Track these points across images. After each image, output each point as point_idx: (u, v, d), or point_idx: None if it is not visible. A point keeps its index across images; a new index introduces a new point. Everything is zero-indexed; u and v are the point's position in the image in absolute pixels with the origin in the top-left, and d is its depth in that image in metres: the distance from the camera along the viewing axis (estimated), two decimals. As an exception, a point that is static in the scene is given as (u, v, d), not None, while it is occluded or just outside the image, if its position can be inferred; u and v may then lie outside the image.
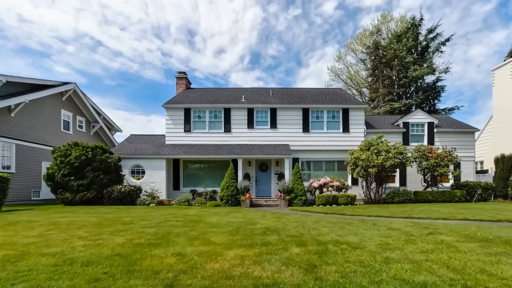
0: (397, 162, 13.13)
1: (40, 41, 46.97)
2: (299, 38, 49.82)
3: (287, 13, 48.01)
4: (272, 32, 50.08)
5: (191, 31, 51.61)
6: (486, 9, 40.50)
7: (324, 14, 46.99)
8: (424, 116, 16.13)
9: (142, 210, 10.06)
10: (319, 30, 48.75)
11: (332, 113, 15.90)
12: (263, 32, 49.84)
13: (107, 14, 47.17)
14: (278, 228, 5.93)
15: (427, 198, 14.07)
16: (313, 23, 48.62)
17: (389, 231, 5.52)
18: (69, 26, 45.11)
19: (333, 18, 47.07)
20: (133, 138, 17.09)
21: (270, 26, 48.98)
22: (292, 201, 13.35)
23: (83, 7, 43.94)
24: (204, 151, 14.98)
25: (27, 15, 42.05)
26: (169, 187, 15.74)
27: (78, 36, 47.88)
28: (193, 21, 49.48)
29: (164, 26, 50.50)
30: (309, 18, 48.40)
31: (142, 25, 50.13)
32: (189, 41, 53.55)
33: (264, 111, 16.00)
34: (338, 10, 46.39)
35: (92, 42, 49.79)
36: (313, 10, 47.06)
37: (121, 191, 12.44)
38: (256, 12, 46.92)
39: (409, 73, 30.22)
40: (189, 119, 15.98)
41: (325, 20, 47.52)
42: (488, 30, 42.20)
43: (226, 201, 13.18)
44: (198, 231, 5.59)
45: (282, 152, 14.70)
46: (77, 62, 53.22)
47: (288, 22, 48.68)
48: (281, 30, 49.51)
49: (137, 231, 5.51)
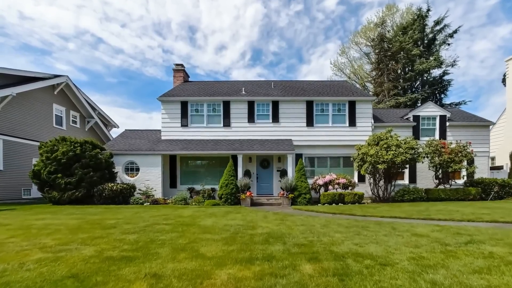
0: (409, 157, 12.19)
1: (41, 39, 46.98)
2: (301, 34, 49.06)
3: (288, 9, 47.44)
4: (274, 28, 49.46)
5: (192, 27, 51.10)
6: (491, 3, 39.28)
7: (326, 10, 46.18)
8: (436, 109, 15.13)
9: (132, 211, 9.20)
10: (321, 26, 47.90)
11: (338, 106, 14.93)
12: (264, 29, 49.26)
13: (108, 11, 47.07)
14: (282, 234, 5.04)
15: (440, 196, 13.17)
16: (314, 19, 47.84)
17: (416, 238, 4.62)
18: (70, 23, 45.21)
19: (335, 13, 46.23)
20: (127, 134, 16.21)
21: (271, 22, 48.35)
22: (296, 200, 12.47)
23: (83, 4, 43.78)
24: (202, 146, 14.08)
25: (28, 13, 41.93)
26: (165, 185, 14.88)
27: (79, 33, 47.87)
28: (194, 17, 49.03)
29: (165, 23, 50.12)
30: (310, 14, 47.67)
31: (143, 22, 49.86)
32: (190, 38, 53.05)
33: (266, 104, 15.05)
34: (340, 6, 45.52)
35: (93, 39, 49.68)
36: (314, 6, 46.33)
37: (112, 190, 11.59)
38: (257, 8, 46.35)
39: (416, 66, 29.14)
40: (186, 113, 15.06)
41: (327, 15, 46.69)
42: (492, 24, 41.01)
43: (225, 199, 12.31)
44: (187, 238, 4.71)
45: (284, 147, 13.79)
46: (78, 59, 53.11)
47: (290, 18, 48.04)
48: (283, 26, 48.93)
49: (115, 238, 4.63)
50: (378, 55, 30.83)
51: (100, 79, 57.49)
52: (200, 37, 52.37)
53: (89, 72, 55.23)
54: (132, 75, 59.33)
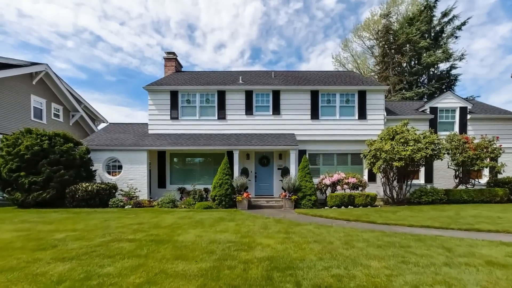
0: (429, 154, 10.61)
1: (40, 37, 46.51)
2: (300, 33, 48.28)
3: (287, 7, 46.82)
4: (273, 27, 48.79)
5: (191, 26, 50.36)
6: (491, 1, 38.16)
7: (326, 8, 45.51)
8: (456, 100, 13.52)
9: (103, 217, 7.56)
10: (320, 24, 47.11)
11: (346, 97, 13.30)
12: (263, 27, 48.61)
13: (107, 9, 46.47)
14: (292, 261, 3.44)
15: (462, 198, 11.62)
16: (314, 17, 47.14)
17: (494, 269, 3.04)
18: (68, 21, 44.51)
19: (334, 11, 45.51)
20: (111, 127, 14.53)
21: (270, 21, 47.65)
22: (300, 202, 10.87)
23: (82, 2, 43.16)
24: (193, 141, 12.44)
25: (26, 10, 41.32)
26: (153, 185, 13.27)
27: (78, 31, 47.27)
28: (193, 15, 48.34)
29: (164, 21, 49.54)
30: (310, 12, 47.03)
31: (142, 20, 49.18)
32: (189, 36, 52.28)
33: (265, 94, 13.41)
34: (339, 4, 44.79)
35: (91, 37, 49.09)
36: (314, 4, 45.74)
37: (87, 190, 9.93)
38: (256, 6, 45.70)
39: (423, 59, 27.57)
40: (176, 104, 13.40)
41: (326, 14, 45.96)
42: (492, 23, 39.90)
43: (218, 201, 10.70)
44: (147, 271, 3.10)
45: (286, 142, 12.17)
46: (77, 57, 52.56)
47: (289, 16, 47.41)
48: (282, 24, 48.31)
49: (33, 272, 3.01)
50: (383, 48, 29.24)
51: (99, 77, 56.98)
52: (199, 36, 51.81)
53: (88, 70, 54.74)
54: (131, 73, 58.86)
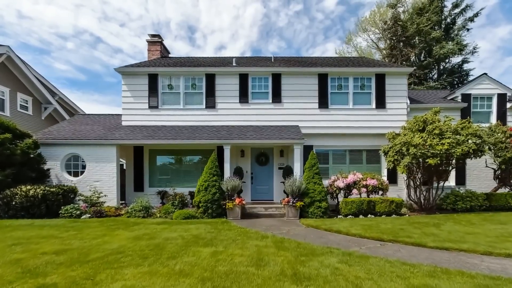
0: (473, 148, 8.32)
1: (40, 38, 46.44)
2: (300, 34, 48.16)
3: (288, 9, 46.44)
4: (273, 28, 48.41)
5: (192, 27, 49.72)
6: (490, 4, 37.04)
7: (326, 10, 45.55)
8: (493, 85, 11.25)
9: (26, 235, 5.18)
10: (320, 26, 47.10)
11: (361, 81, 11.02)
12: (263, 28, 48.20)
13: (107, 10, 46.29)
14: None
15: (508, 204, 9.39)
16: (314, 19, 46.97)
17: None
18: (68, 23, 44.59)
19: (334, 13, 45.25)
20: (77, 119, 12.16)
21: (271, 22, 47.43)
22: (306, 210, 8.53)
23: (82, 3, 42.94)
24: (176, 135, 10.11)
25: (26, 12, 41.17)
26: (128, 188, 10.95)
27: (78, 33, 47.40)
28: (193, 17, 47.70)
29: (164, 23, 48.84)
30: (310, 13, 46.76)
31: (142, 22, 48.80)
32: (190, 38, 51.75)
33: (264, 78, 11.11)
34: (339, 6, 44.26)
35: (92, 38, 49.24)
36: (314, 6, 45.54)
37: (27, 196, 7.54)
38: (257, 8, 45.42)
39: (435, 51, 25.44)
40: (156, 91, 11.08)
41: (326, 15, 45.79)
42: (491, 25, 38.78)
43: (204, 209, 8.34)
44: None
45: (289, 136, 9.86)
46: (77, 59, 52.67)
47: (289, 18, 47.10)
48: (282, 26, 48.01)
49: None
50: (391, 40, 27.14)
51: (99, 78, 57.14)
52: (200, 37, 51.39)
53: (88, 72, 54.88)
54: (131, 74, 57.82)
